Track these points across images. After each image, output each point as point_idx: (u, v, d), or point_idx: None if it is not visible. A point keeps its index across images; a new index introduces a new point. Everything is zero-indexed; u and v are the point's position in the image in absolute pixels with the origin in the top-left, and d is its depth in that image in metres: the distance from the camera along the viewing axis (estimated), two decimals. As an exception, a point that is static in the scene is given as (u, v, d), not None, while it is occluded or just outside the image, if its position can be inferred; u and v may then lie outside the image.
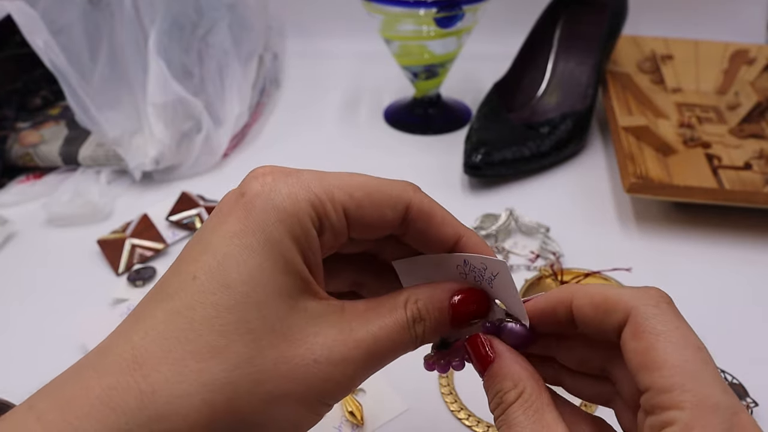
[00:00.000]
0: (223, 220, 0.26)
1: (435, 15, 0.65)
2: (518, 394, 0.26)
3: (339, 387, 0.26)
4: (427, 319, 0.28)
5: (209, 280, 0.25)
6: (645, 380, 0.24)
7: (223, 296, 0.25)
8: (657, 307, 0.25)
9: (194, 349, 0.24)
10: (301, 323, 0.26)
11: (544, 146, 0.66)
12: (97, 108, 0.63)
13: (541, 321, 0.29)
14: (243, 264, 0.25)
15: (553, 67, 0.75)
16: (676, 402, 0.22)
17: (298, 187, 0.27)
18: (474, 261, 0.29)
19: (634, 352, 0.24)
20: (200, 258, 0.26)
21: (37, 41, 0.59)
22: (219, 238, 0.26)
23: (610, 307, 0.26)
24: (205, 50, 0.70)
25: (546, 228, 0.58)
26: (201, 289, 0.25)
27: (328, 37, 0.92)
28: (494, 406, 0.27)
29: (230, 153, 0.70)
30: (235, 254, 0.25)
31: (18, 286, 0.55)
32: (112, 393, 0.23)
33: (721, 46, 0.79)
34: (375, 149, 0.71)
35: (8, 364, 0.48)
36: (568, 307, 0.27)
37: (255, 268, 0.25)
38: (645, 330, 0.24)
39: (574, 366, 0.30)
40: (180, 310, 0.25)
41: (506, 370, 0.27)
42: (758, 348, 0.48)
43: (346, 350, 0.26)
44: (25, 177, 0.67)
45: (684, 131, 0.67)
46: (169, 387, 0.23)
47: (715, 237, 0.58)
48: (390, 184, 0.28)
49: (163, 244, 0.57)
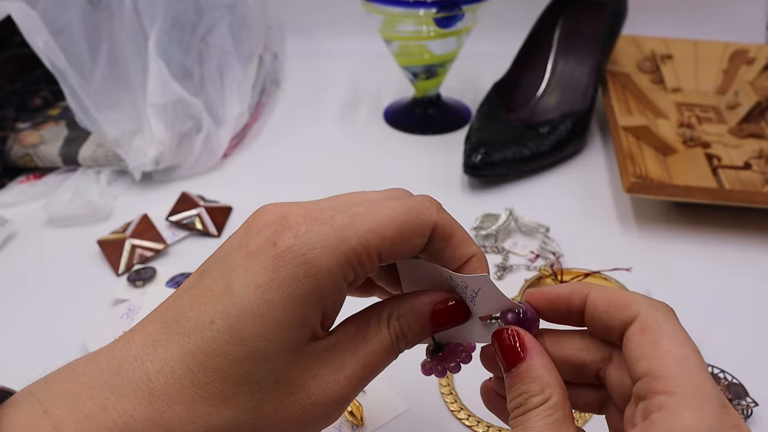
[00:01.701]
0: (249, 264, 0.27)
1: (435, 15, 0.65)
2: (544, 399, 0.26)
3: (332, 419, 0.28)
4: (409, 335, 0.30)
5: (226, 329, 0.26)
6: (642, 367, 0.25)
7: (236, 348, 0.26)
8: (665, 313, 0.26)
9: (205, 394, 0.26)
10: (301, 369, 0.27)
11: (544, 146, 0.66)
12: (97, 108, 0.63)
13: (553, 307, 0.29)
14: (260, 318, 0.26)
15: (553, 67, 0.75)
16: (671, 388, 0.23)
17: (334, 239, 0.27)
18: (457, 279, 0.30)
19: (638, 344, 0.25)
20: (220, 300, 0.26)
21: (37, 41, 0.59)
22: (242, 286, 0.26)
23: (623, 304, 0.27)
24: (205, 50, 0.70)
25: (546, 228, 0.58)
26: (217, 337, 0.26)
27: (328, 37, 0.92)
28: (515, 405, 0.27)
29: (230, 153, 0.71)
30: (255, 308, 0.26)
31: (18, 286, 0.55)
32: (129, 420, 0.25)
33: (721, 46, 0.79)
34: (375, 149, 0.71)
35: (8, 364, 0.48)
36: (583, 299, 0.28)
37: (271, 323, 0.26)
38: (652, 326, 0.25)
39: (572, 376, 0.30)
40: (195, 354, 0.26)
41: (536, 372, 0.27)
42: (758, 348, 0.48)
43: (338, 389, 0.28)
44: (25, 177, 0.67)
45: (684, 131, 0.67)
46: (183, 425, 0.25)
47: (715, 237, 0.58)
48: (416, 208, 0.29)
49: (163, 244, 0.57)
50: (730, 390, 0.43)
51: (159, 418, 0.25)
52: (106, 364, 0.26)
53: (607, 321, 0.27)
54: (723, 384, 0.43)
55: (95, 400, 0.25)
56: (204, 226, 0.59)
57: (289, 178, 0.67)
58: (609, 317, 0.27)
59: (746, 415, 0.42)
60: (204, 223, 0.59)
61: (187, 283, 0.28)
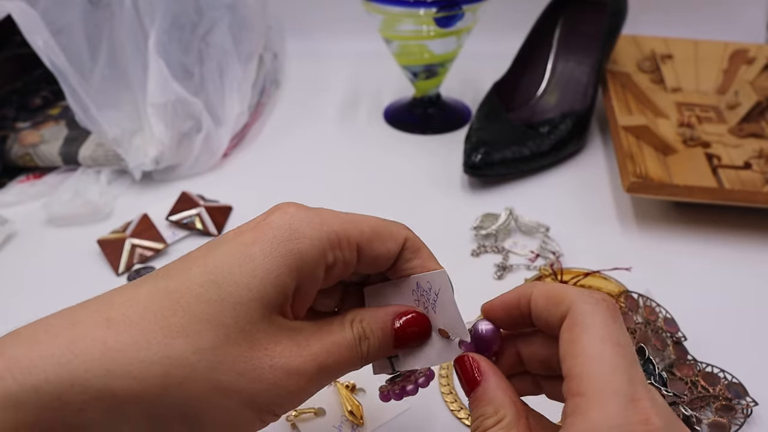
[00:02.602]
0: (239, 233, 0.29)
1: (435, 15, 0.65)
2: (497, 420, 0.27)
3: (289, 397, 0.28)
4: (371, 338, 0.30)
5: (202, 274, 0.27)
6: (564, 367, 0.25)
7: (209, 290, 0.27)
8: (594, 306, 0.26)
9: (166, 325, 0.26)
10: (267, 331, 0.27)
11: (543, 146, 0.66)
12: (97, 108, 0.63)
13: (508, 315, 0.30)
14: (238, 267, 0.27)
15: (553, 67, 0.75)
16: (582, 389, 0.23)
17: (318, 221, 0.29)
18: (422, 282, 0.31)
19: (564, 342, 0.26)
20: (203, 258, 0.28)
21: (37, 41, 0.59)
22: (227, 245, 0.28)
23: (558, 300, 0.27)
24: (205, 50, 0.70)
25: (546, 227, 0.58)
26: (192, 279, 0.27)
27: (328, 37, 0.92)
28: (474, 428, 0.28)
29: (230, 153, 0.71)
30: (235, 258, 0.27)
31: (18, 286, 0.55)
32: (78, 341, 0.25)
33: (721, 46, 0.79)
34: (375, 149, 0.71)
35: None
36: (528, 300, 0.29)
37: (248, 273, 0.27)
38: (576, 323, 0.25)
39: (541, 370, 0.31)
40: (167, 290, 0.27)
41: (490, 395, 0.28)
42: (758, 348, 0.48)
43: (301, 362, 0.28)
44: (25, 177, 0.67)
45: (684, 131, 0.67)
46: (135, 350, 0.25)
47: (715, 236, 0.58)
48: (391, 223, 0.32)
49: (163, 244, 0.57)
50: (730, 389, 0.42)
51: (111, 341, 0.25)
52: (75, 305, 0.27)
53: (548, 318, 0.28)
54: (723, 383, 0.43)
55: (49, 330, 0.25)
56: (204, 226, 0.59)
57: (289, 178, 0.67)
58: (548, 314, 0.28)
59: (746, 414, 0.41)
60: (204, 223, 0.59)
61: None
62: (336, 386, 0.44)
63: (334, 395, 0.43)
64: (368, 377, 0.44)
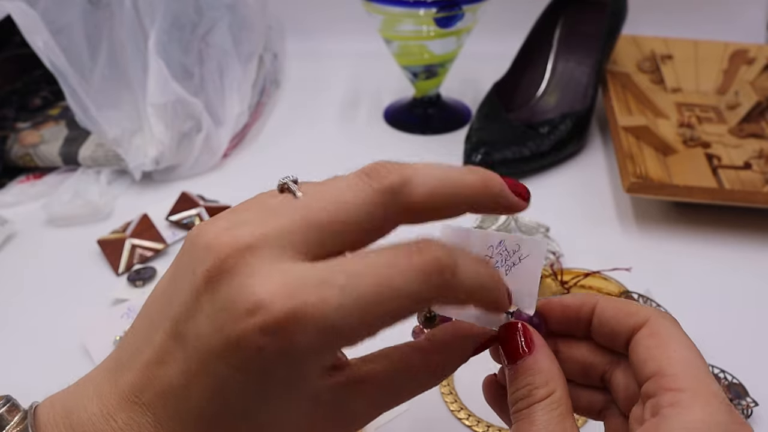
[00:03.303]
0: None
1: (435, 15, 0.65)
2: (548, 393, 0.27)
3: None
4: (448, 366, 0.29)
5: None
6: (652, 367, 0.26)
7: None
8: (670, 320, 0.28)
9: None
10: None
11: (544, 146, 0.65)
12: (97, 108, 0.63)
13: (564, 315, 0.30)
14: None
15: (553, 67, 0.75)
16: (681, 385, 0.24)
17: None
18: (509, 242, 0.30)
19: (648, 346, 0.26)
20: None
21: (37, 41, 0.59)
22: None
23: (632, 311, 0.28)
24: (205, 50, 0.70)
25: (546, 228, 0.58)
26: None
27: (328, 37, 0.92)
28: (518, 398, 0.27)
29: (230, 153, 0.70)
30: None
31: (18, 286, 0.55)
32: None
33: (721, 46, 0.79)
34: (375, 149, 0.71)
35: (8, 363, 0.48)
36: (591, 309, 0.29)
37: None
38: (661, 332, 0.27)
39: (578, 376, 0.31)
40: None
41: (542, 365, 0.27)
42: (758, 348, 0.48)
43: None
44: (25, 177, 0.67)
45: (684, 131, 0.67)
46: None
47: (715, 237, 0.58)
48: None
49: (163, 244, 0.57)
50: (730, 390, 0.43)
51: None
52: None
53: (615, 327, 0.28)
54: (723, 384, 0.43)
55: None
56: (204, 226, 0.59)
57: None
58: (617, 323, 0.28)
59: (746, 415, 0.42)
60: (204, 223, 0.59)
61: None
62: (336, 386, 0.44)
63: (334, 395, 0.43)
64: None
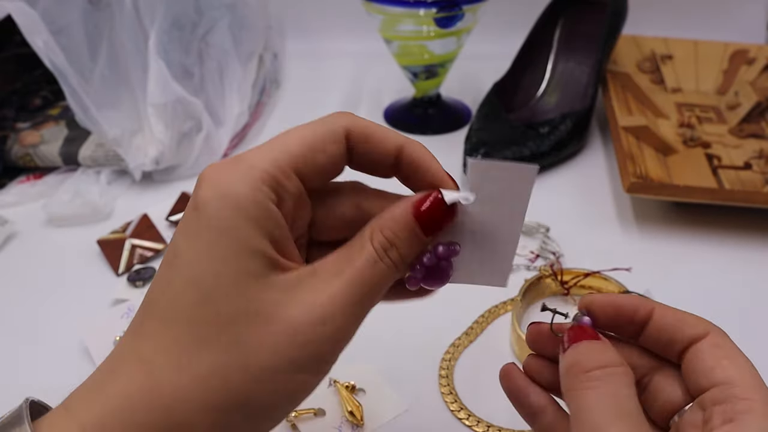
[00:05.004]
0: (184, 228, 0.27)
1: (435, 15, 0.65)
2: (626, 371, 0.28)
3: (332, 341, 0.27)
4: (397, 241, 0.28)
5: (181, 281, 0.26)
6: (719, 375, 0.27)
7: (194, 293, 0.26)
8: (728, 336, 0.30)
9: (185, 346, 0.26)
10: (275, 298, 0.26)
11: (543, 146, 0.66)
12: (97, 108, 0.63)
13: (618, 314, 0.30)
14: (206, 259, 0.26)
15: (553, 67, 0.75)
16: (752, 395, 0.26)
17: (244, 169, 0.27)
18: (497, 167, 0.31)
19: (713, 356, 0.28)
20: (173, 262, 0.27)
21: (37, 41, 0.59)
22: (184, 242, 0.27)
23: (692, 322, 0.30)
24: (205, 50, 0.70)
25: (546, 228, 0.58)
26: (175, 291, 0.26)
27: (328, 37, 0.92)
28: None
29: (230, 153, 0.70)
30: (199, 253, 0.26)
31: (18, 286, 0.55)
32: (132, 395, 0.26)
33: (721, 46, 0.79)
34: (375, 149, 0.71)
35: (8, 363, 0.48)
36: (647, 315, 0.30)
37: (218, 260, 0.26)
38: (723, 344, 0.29)
39: None
40: (164, 317, 0.27)
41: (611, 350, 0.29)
42: (758, 348, 0.47)
43: (322, 308, 0.27)
44: (25, 177, 0.67)
45: (684, 131, 0.67)
46: (171, 382, 0.26)
47: (715, 237, 0.58)
48: (325, 120, 0.30)
49: (163, 244, 0.57)
50: (730, 390, 0.43)
51: (152, 384, 0.26)
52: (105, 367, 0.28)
53: (673, 335, 0.29)
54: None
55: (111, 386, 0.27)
56: (204, 226, 0.59)
57: (289, 178, 0.67)
58: (676, 331, 0.29)
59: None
60: (204, 223, 0.59)
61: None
62: (336, 386, 0.44)
63: (334, 396, 0.43)
64: (368, 377, 0.44)
